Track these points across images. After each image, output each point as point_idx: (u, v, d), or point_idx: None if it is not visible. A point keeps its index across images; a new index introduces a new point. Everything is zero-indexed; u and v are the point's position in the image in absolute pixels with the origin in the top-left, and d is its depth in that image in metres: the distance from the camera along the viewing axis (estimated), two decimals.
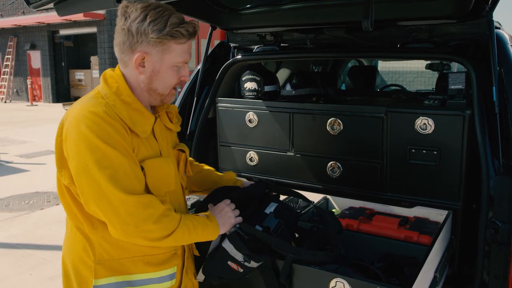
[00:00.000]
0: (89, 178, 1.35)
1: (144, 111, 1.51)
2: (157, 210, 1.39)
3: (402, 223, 2.21)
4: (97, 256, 1.47)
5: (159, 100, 1.55)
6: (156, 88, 1.50)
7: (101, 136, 1.35)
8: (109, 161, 1.35)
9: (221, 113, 2.95)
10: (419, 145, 2.29)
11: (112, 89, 1.47)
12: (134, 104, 1.49)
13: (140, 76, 1.49)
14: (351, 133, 2.49)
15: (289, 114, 2.68)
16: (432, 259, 1.77)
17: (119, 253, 1.47)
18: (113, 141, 1.37)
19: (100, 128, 1.36)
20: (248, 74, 2.86)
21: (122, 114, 1.44)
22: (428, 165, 2.28)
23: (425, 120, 2.25)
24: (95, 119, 1.37)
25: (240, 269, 1.61)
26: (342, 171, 2.55)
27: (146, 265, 1.50)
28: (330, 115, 2.53)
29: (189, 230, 1.47)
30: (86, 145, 1.35)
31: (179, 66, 1.51)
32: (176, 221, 1.44)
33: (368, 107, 2.45)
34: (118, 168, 1.35)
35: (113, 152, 1.35)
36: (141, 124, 1.48)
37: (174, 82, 1.52)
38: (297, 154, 2.71)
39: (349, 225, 2.24)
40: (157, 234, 1.40)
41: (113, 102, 1.45)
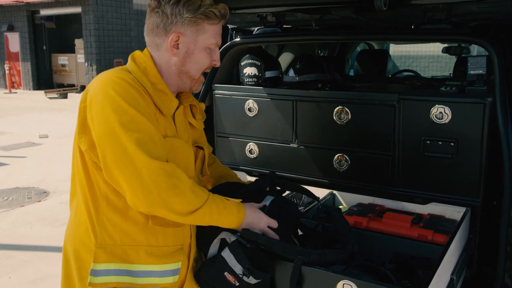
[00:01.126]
0: (115, 140, 1.41)
1: (168, 93, 1.59)
2: (182, 181, 1.45)
3: (415, 220, 2.22)
4: (99, 240, 1.52)
5: (188, 85, 1.63)
6: (188, 70, 1.59)
7: (128, 100, 1.44)
8: (136, 124, 1.42)
9: (218, 101, 2.95)
10: (434, 135, 2.29)
11: (140, 67, 1.57)
12: (160, 85, 1.57)
13: (173, 58, 1.58)
14: (360, 123, 2.49)
15: (292, 102, 2.68)
16: (448, 260, 1.77)
17: (123, 239, 1.52)
18: (140, 106, 1.45)
19: (127, 93, 1.45)
20: (248, 59, 2.85)
21: (148, 88, 1.53)
22: (444, 158, 2.28)
23: (441, 108, 2.24)
24: (122, 83, 1.46)
25: (236, 283, 1.62)
26: (350, 164, 2.56)
27: (149, 255, 1.54)
28: (337, 103, 2.52)
29: (211, 214, 1.51)
30: (113, 108, 1.42)
31: (212, 49, 1.61)
32: (201, 199, 1.48)
33: (378, 95, 2.44)
34: (145, 133, 1.43)
35: (139, 116, 1.43)
36: (164, 105, 1.57)
37: (206, 65, 1.61)
38: (301, 145, 2.71)
39: (357, 223, 2.24)
40: (179, 207, 1.44)
41: (140, 78, 1.54)
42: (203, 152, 1.78)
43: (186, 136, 1.69)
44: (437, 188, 2.33)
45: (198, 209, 1.47)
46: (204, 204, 1.48)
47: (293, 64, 2.88)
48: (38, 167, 7.10)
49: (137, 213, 1.51)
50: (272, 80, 2.87)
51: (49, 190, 6.03)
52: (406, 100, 2.35)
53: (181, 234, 1.62)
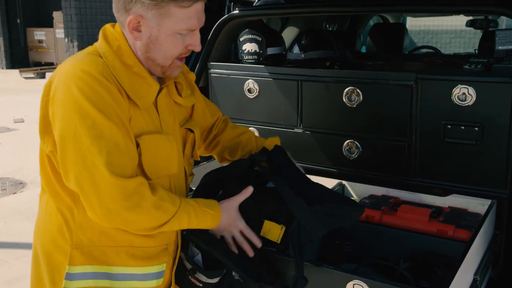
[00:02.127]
0: (74, 147, 1.38)
1: (146, 77, 1.53)
2: (145, 199, 1.42)
3: (434, 214, 2.22)
4: (75, 240, 1.51)
5: (159, 72, 1.57)
6: (154, 58, 1.52)
7: (93, 100, 1.38)
8: (99, 130, 1.38)
9: (214, 81, 2.94)
10: (456, 119, 2.28)
11: (112, 47, 1.51)
12: (136, 68, 1.51)
13: (136, 42, 1.51)
14: (373, 105, 2.48)
15: (297, 82, 2.67)
16: (471, 259, 1.78)
17: (101, 240, 1.51)
18: (107, 108, 1.40)
19: (93, 91, 1.39)
20: (247, 34, 2.84)
21: (121, 77, 1.47)
22: (467, 144, 2.28)
23: (464, 89, 2.24)
24: (88, 79, 1.40)
25: (199, 284, 1.65)
26: (361, 151, 2.56)
27: (130, 257, 1.53)
28: (347, 83, 2.52)
29: (181, 225, 1.51)
30: (75, 109, 1.38)
31: (184, 34, 1.51)
32: (168, 213, 1.46)
33: (394, 74, 2.43)
34: (109, 140, 1.39)
35: (105, 121, 1.39)
36: (142, 93, 1.51)
37: (176, 52, 1.53)
38: (306, 131, 2.71)
39: (369, 216, 2.25)
40: (143, 225, 1.44)
41: (112, 62, 1.48)
42: (193, 136, 1.75)
43: (171, 120, 1.64)
44: (459, 178, 2.33)
45: (165, 223, 1.46)
46: (173, 217, 1.47)
47: (298, 40, 2.87)
48: (13, 155, 7.11)
49: None
50: (275, 57, 2.86)
51: (25, 181, 6.04)
52: (424, 79, 2.34)
53: (166, 232, 1.60)
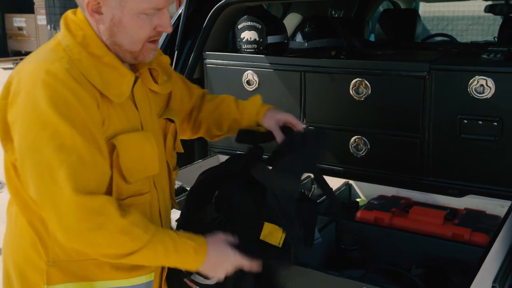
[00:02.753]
0: (33, 158, 1.34)
1: (119, 67, 1.48)
2: (110, 220, 1.36)
3: (449, 217, 2.22)
4: (51, 256, 1.47)
5: (130, 58, 1.52)
6: (121, 43, 1.47)
7: (57, 106, 1.33)
8: (61, 141, 1.33)
9: (210, 72, 2.93)
10: (473, 113, 2.28)
11: (76, 38, 1.45)
12: (106, 58, 1.46)
13: (99, 26, 1.46)
14: (382, 98, 2.48)
15: (300, 74, 2.67)
16: (489, 265, 1.77)
17: (80, 254, 1.47)
18: (72, 114, 1.35)
19: (57, 96, 1.34)
20: (246, 21, 2.83)
21: (90, 72, 1.41)
22: (485, 141, 2.28)
23: (482, 80, 2.23)
24: (52, 82, 1.34)
25: (195, 287, 1.64)
26: (369, 148, 2.56)
27: (114, 270, 1.51)
28: (354, 74, 2.51)
29: (155, 257, 1.44)
30: (36, 116, 1.33)
31: (150, 14, 1.46)
32: (138, 241, 1.40)
33: (405, 64, 2.43)
34: (72, 152, 1.34)
35: (69, 130, 1.34)
36: (115, 85, 1.46)
37: (145, 35, 1.47)
38: (310, 126, 2.70)
39: (378, 219, 2.25)
40: (106, 250, 1.39)
41: (78, 56, 1.42)
42: (174, 126, 1.72)
43: (148, 111, 1.60)
44: (476, 177, 2.33)
45: (134, 252, 1.39)
46: (144, 247, 1.40)
47: (301, 27, 2.86)
48: None
49: None
50: (276, 46, 2.85)
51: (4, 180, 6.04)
52: (438, 70, 2.34)
53: None
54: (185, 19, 2.86)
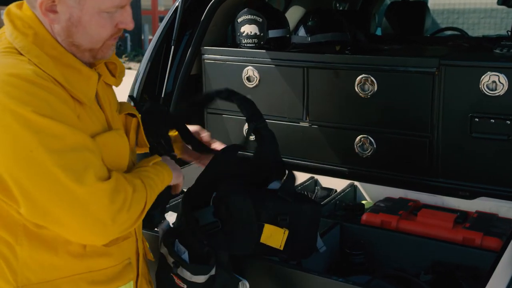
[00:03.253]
0: (38, 170, 1.28)
1: (81, 68, 1.43)
2: (127, 191, 1.40)
3: (459, 220, 2.22)
4: (20, 281, 1.42)
5: (89, 57, 1.47)
6: (79, 43, 1.42)
7: (41, 109, 1.27)
8: (62, 141, 1.29)
9: (208, 68, 2.93)
10: (485, 111, 2.28)
11: (28, 37, 1.38)
12: (65, 59, 1.40)
13: (54, 26, 1.39)
14: (389, 96, 2.48)
15: (302, 70, 2.67)
16: (502, 271, 1.77)
17: (54, 273, 1.44)
18: (59, 112, 1.31)
19: (36, 99, 1.28)
20: (246, 14, 2.83)
21: (53, 73, 1.36)
22: (497, 140, 2.28)
23: (495, 76, 2.23)
24: (25, 87, 1.28)
25: (183, 285, 1.64)
26: (375, 148, 2.55)
27: (91, 284, 1.48)
28: (360, 70, 2.51)
29: (153, 191, 1.52)
30: (21, 125, 1.26)
31: (111, 12, 1.41)
32: (142, 191, 1.47)
33: (413, 59, 2.43)
34: (78, 148, 1.31)
35: (63, 128, 1.30)
36: (80, 87, 1.42)
37: (105, 34, 1.43)
38: (313, 124, 2.70)
39: (385, 222, 2.24)
40: (132, 219, 1.41)
41: (36, 58, 1.35)
42: (136, 120, 1.70)
43: (109, 107, 1.57)
44: (488, 178, 2.33)
45: (146, 202, 1.46)
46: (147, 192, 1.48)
47: (304, 21, 2.86)
48: None
49: (71, 242, 1.43)
50: (277, 41, 2.85)
51: None
52: (448, 66, 2.34)
53: (127, 245, 1.57)
54: (182, 12, 2.86)
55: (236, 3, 2.93)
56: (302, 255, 1.82)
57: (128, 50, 16.57)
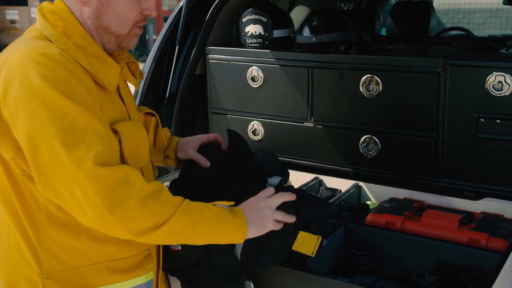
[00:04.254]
0: (47, 146, 1.33)
1: (106, 58, 1.51)
2: (138, 188, 1.37)
3: (464, 221, 2.22)
4: (45, 268, 1.46)
5: (114, 44, 1.54)
6: (108, 25, 1.49)
7: (59, 86, 1.34)
8: (72, 120, 1.34)
9: (212, 68, 2.94)
10: (491, 112, 2.28)
11: (58, 28, 1.46)
12: (91, 48, 1.48)
13: (84, 9, 1.48)
14: (394, 96, 2.48)
15: (307, 70, 2.67)
16: (507, 272, 1.77)
17: (76, 260, 1.47)
18: (76, 93, 1.36)
19: (57, 76, 1.35)
20: (251, 14, 2.83)
21: (79, 59, 1.44)
22: (503, 140, 2.28)
23: (500, 76, 2.23)
24: (49, 63, 1.36)
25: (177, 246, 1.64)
26: (380, 148, 2.55)
27: (113, 273, 1.51)
28: (364, 70, 2.51)
29: (193, 222, 1.42)
30: (39, 100, 1.33)
31: None
32: (171, 205, 1.40)
33: (418, 59, 2.43)
34: (86, 129, 1.35)
35: (77, 107, 1.35)
36: (104, 75, 1.49)
37: (133, 17, 1.51)
38: (318, 125, 2.70)
39: (390, 222, 2.24)
40: (142, 222, 1.36)
41: (64, 45, 1.44)
42: (155, 119, 1.73)
43: (131, 103, 1.63)
44: (493, 179, 2.33)
45: (170, 218, 1.38)
46: (178, 210, 1.40)
47: (309, 21, 2.86)
48: None
49: None
50: (282, 41, 2.85)
51: None
52: (454, 66, 2.33)
53: None
54: (187, 12, 2.86)
55: (240, 3, 2.94)
56: None
57: (132, 50, 16.61)
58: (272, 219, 1.56)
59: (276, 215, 1.58)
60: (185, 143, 1.90)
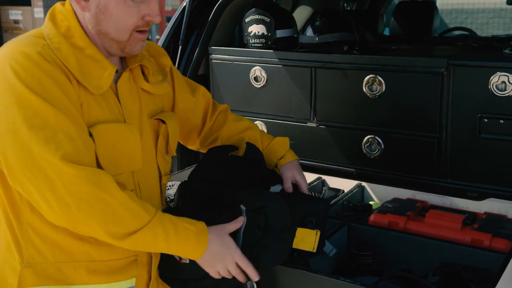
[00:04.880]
0: (17, 141, 1.36)
1: (101, 59, 1.52)
2: (111, 194, 1.39)
3: (467, 221, 2.21)
4: (26, 258, 1.49)
5: (117, 48, 1.55)
6: (106, 31, 1.50)
7: (32, 86, 1.37)
8: (43, 119, 1.36)
9: (215, 68, 2.94)
10: (494, 112, 2.27)
11: (60, 29, 1.49)
12: (88, 50, 1.50)
13: (85, 14, 1.50)
14: (397, 96, 2.48)
15: (310, 70, 2.67)
16: (511, 273, 1.77)
17: (56, 255, 1.49)
18: (49, 94, 1.38)
19: (30, 76, 1.38)
20: (254, 14, 2.84)
21: (68, 60, 1.45)
22: (506, 141, 2.27)
23: (504, 76, 2.22)
24: (25, 63, 1.39)
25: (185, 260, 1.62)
26: (383, 148, 2.55)
27: (91, 273, 1.52)
28: (368, 70, 2.51)
29: (155, 240, 1.44)
30: (13, 97, 1.36)
31: (137, 1, 1.49)
32: (139, 220, 1.42)
33: (421, 59, 2.42)
34: (56, 130, 1.37)
35: (49, 108, 1.37)
36: (95, 77, 1.49)
37: (131, 24, 1.50)
38: (321, 125, 2.70)
39: (393, 223, 2.24)
40: (108, 226, 1.39)
41: (57, 45, 1.46)
42: (165, 127, 1.73)
43: (136, 109, 1.62)
44: (496, 179, 2.33)
45: (135, 232, 1.40)
46: (145, 226, 1.41)
47: (312, 21, 2.86)
48: None
49: None
50: (285, 41, 2.85)
51: None
52: (457, 66, 2.33)
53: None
54: (190, 12, 2.86)
55: (243, 3, 2.94)
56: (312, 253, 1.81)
57: None
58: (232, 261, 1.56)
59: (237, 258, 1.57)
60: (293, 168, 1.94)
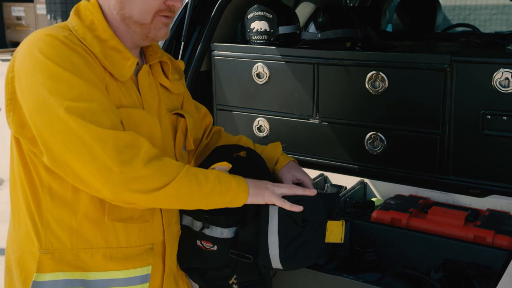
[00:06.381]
0: (53, 116, 1.39)
1: (123, 50, 1.56)
2: (145, 149, 1.43)
3: (470, 218, 2.21)
4: (44, 244, 1.51)
5: (141, 34, 1.58)
6: (130, 14, 1.54)
7: (61, 63, 1.41)
8: (77, 92, 1.40)
9: (218, 64, 2.94)
10: (497, 108, 2.27)
11: (85, 22, 1.54)
12: (112, 41, 1.55)
13: (110, 1, 1.54)
14: (400, 92, 2.47)
15: (313, 66, 2.67)
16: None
17: (73, 241, 1.52)
18: (79, 69, 1.43)
19: (60, 53, 1.42)
20: (256, 10, 2.83)
21: (93, 47, 1.51)
22: (510, 137, 2.27)
23: (507, 73, 2.22)
24: (53, 42, 1.43)
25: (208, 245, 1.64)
26: (385, 145, 2.55)
27: (108, 260, 1.54)
28: (370, 67, 2.51)
29: (198, 182, 1.49)
30: (44, 74, 1.40)
31: None
32: (175, 166, 1.47)
33: (424, 56, 2.42)
34: (89, 100, 1.41)
35: (80, 82, 1.41)
36: (118, 66, 1.54)
37: (154, 6, 1.55)
38: (323, 121, 2.70)
39: (395, 219, 2.24)
40: (150, 181, 1.42)
41: (82, 35, 1.51)
42: (184, 121, 1.76)
43: (156, 103, 1.66)
44: (499, 176, 2.32)
45: (176, 177, 1.45)
46: (182, 171, 1.47)
47: (315, 17, 2.86)
48: None
49: (90, 207, 1.51)
50: (288, 37, 2.85)
51: (4, 177, 6.09)
52: (460, 62, 2.33)
53: (150, 231, 1.61)
54: (192, 8, 2.86)
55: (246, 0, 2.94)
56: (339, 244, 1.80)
57: None
58: (272, 192, 1.61)
59: (277, 190, 1.62)
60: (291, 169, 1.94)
